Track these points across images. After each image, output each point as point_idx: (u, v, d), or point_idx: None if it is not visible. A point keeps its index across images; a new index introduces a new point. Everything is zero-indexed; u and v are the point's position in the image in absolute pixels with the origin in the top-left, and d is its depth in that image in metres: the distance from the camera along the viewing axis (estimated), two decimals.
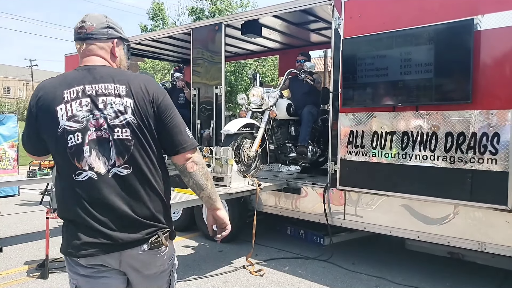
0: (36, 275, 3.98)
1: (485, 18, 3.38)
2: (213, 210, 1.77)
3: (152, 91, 1.61)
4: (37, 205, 7.39)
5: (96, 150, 1.54)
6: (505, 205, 3.29)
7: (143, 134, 1.59)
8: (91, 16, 1.69)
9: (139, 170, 1.58)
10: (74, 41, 1.69)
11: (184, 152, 1.66)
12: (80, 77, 1.60)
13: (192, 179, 1.69)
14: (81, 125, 1.53)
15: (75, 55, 7.66)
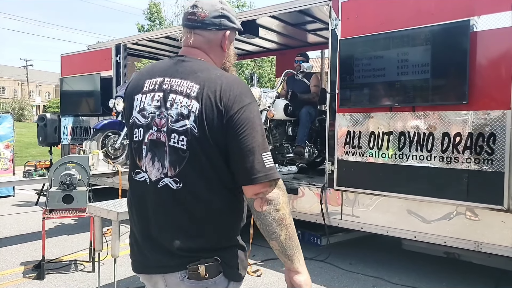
0: (32, 276, 3.95)
1: (481, 19, 3.40)
2: (288, 271, 1.35)
3: (226, 99, 1.27)
4: (32, 205, 7.35)
5: (153, 153, 1.33)
6: (501, 205, 3.30)
7: (203, 148, 1.28)
8: (204, 1, 1.39)
9: (190, 188, 1.30)
10: (182, 25, 1.44)
11: (252, 184, 1.28)
12: (165, 68, 1.40)
13: (259, 220, 1.32)
14: (146, 121, 1.35)
15: (71, 55, 7.67)
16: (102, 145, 5.80)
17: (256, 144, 1.27)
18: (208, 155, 1.29)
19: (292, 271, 1.34)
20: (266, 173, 1.27)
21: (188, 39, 1.41)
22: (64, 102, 7.83)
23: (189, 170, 1.29)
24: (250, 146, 1.26)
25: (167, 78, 1.35)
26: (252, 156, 1.26)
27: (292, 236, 1.32)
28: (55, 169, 3.99)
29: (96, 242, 3.19)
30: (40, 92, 58.48)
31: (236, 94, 1.29)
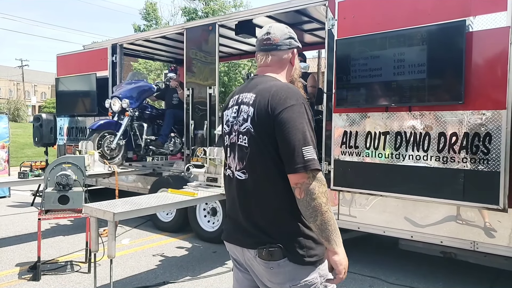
0: (28, 277, 3.93)
1: (477, 19, 3.41)
2: (327, 250, 1.58)
3: (273, 102, 1.56)
4: (28, 206, 7.32)
5: (233, 153, 1.69)
6: (497, 205, 3.32)
7: (259, 144, 1.59)
8: (275, 27, 1.76)
9: (253, 178, 1.62)
10: (257, 51, 1.78)
11: (293, 173, 1.52)
12: (243, 86, 1.78)
13: (299, 206, 1.55)
14: (229, 129, 1.73)
15: (67, 55, 7.63)
16: (98, 145, 5.78)
17: (297, 139, 1.51)
18: (264, 150, 1.58)
19: (330, 251, 1.57)
20: (304, 164, 1.50)
21: (264, 59, 1.76)
22: (60, 102, 7.78)
23: (251, 164, 1.61)
24: (291, 141, 1.51)
25: (241, 94, 1.72)
26: (292, 150, 1.51)
27: (329, 221, 1.53)
28: (51, 170, 3.96)
29: (92, 242, 3.17)
30: (35, 92, 58.20)
31: (281, 97, 1.57)
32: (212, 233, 5.20)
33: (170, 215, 5.74)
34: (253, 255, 1.61)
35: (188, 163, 5.31)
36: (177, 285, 3.85)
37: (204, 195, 3.98)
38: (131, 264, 4.37)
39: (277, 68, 1.75)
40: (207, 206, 5.31)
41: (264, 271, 1.60)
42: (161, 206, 3.60)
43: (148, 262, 4.45)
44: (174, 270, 4.22)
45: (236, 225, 1.69)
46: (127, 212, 3.22)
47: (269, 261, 1.56)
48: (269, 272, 1.59)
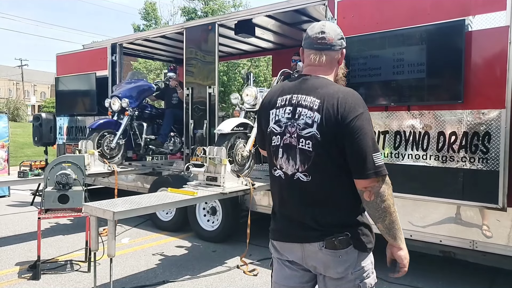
0: (27, 276, 3.94)
1: (476, 19, 3.42)
2: (391, 246, 1.76)
3: (342, 109, 1.60)
4: (28, 205, 7.32)
5: (287, 154, 1.70)
6: (496, 204, 3.32)
7: (325, 149, 1.62)
8: (329, 27, 1.77)
9: (316, 180, 1.66)
10: (308, 48, 1.77)
11: (362, 179, 1.61)
12: (293, 86, 1.75)
13: (368, 208, 1.68)
14: (281, 129, 1.72)
15: (67, 55, 7.63)
16: (97, 144, 5.78)
17: (367, 146, 1.58)
18: (329, 154, 1.63)
19: (395, 247, 1.74)
20: (375, 170, 1.59)
21: (318, 59, 1.75)
22: (60, 101, 7.79)
23: (314, 166, 1.65)
24: (363, 149, 1.58)
25: (295, 95, 1.71)
26: (364, 157, 1.58)
27: (395, 220, 1.68)
28: (51, 169, 3.97)
29: (92, 242, 3.17)
30: (35, 92, 58.16)
31: (351, 105, 1.61)
32: (211, 232, 5.21)
33: (169, 214, 5.75)
34: (318, 248, 1.67)
35: (187, 163, 5.32)
36: (176, 284, 3.86)
37: (204, 194, 3.99)
38: (131, 263, 4.37)
39: (328, 69, 1.76)
40: (207, 206, 5.31)
41: (331, 261, 1.68)
42: (161, 205, 3.60)
43: (147, 261, 4.46)
44: (173, 269, 4.22)
45: (294, 222, 1.73)
46: (127, 211, 3.22)
47: (338, 250, 1.65)
48: (337, 260, 1.67)
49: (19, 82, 51.92)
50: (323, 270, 1.71)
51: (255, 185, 4.44)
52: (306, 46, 1.79)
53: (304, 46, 1.80)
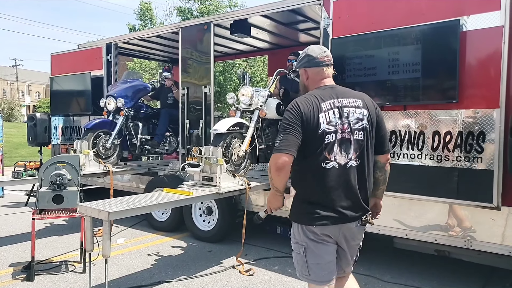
0: (21, 277, 3.91)
1: (470, 19, 3.44)
2: (379, 200, 2.43)
3: (374, 105, 2.27)
4: (22, 206, 7.27)
5: (341, 147, 2.14)
6: (490, 203, 3.34)
7: (370, 136, 2.21)
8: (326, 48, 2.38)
9: (363, 163, 2.18)
10: (317, 66, 2.28)
11: (387, 153, 2.32)
12: (329, 93, 2.21)
13: (384, 175, 2.35)
14: (335, 128, 2.13)
15: (61, 55, 7.58)
16: (93, 144, 5.75)
17: (386, 130, 2.37)
18: (371, 140, 2.22)
19: (380, 200, 2.44)
20: (389, 147, 2.36)
21: (324, 73, 2.30)
22: (54, 101, 7.74)
23: (362, 152, 2.18)
24: (387, 131, 2.37)
25: (336, 99, 2.19)
26: (387, 137, 2.36)
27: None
28: (45, 169, 3.94)
29: (86, 242, 3.15)
30: (29, 92, 57.79)
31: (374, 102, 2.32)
32: (207, 232, 5.20)
33: (165, 215, 5.73)
34: (354, 225, 2.19)
35: (183, 162, 5.30)
36: (172, 285, 3.85)
37: (200, 194, 3.98)
38: (126, 264, 4.35)
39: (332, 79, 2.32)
40: (203, 205, 5.30)
41: (359, 233, 2.28)
42: (156, 205, 3.59)
43: (143, 261, 4.44)
44: (169, 270, 4.21)
45: (343, 206, 2.14)
46: (122, 211, 3.20)
47: (367, 224, 2.24)
48: (362, 232, 2.29)
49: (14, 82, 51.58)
50: (350, 240, 2.24)
51: (251, 185, 4.44)
52: (314, 64, 2.28)
53: (309, 65, 2.29)
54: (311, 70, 2.30)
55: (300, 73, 2.36)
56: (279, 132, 2.17)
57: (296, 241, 2.25)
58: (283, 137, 2.11)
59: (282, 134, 2.13)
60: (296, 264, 2.29)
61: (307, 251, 2.20)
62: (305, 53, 2.33)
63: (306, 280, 2.25)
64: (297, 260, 2.26)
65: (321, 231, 2.15)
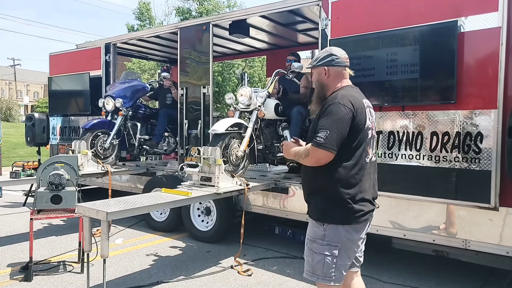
0: (19, 278, 3.90)
1: (468, 20, 3.45)
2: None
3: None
4: (20, 206, 7.25)
5: (371, 142, 2.33)
6: (488, 203, 3.35)
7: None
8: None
9: (376, 158, 2.41)
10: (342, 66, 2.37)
11: None
12: (359, 93, 2.37)
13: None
14: (371, 124, 2.32)
15: (60, 55, 7.57)
16: (91, 145, 5.75)
17: None
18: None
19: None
20: None
21: (348, 73, 2.42)
22: (53, 101, 7.73)
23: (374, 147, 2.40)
24: None
25: (364, 100, 2.35)
26: None
27: None
28: (43, 169, 3.94)
29: (85, 242, 3.15)
30: (28, 92, 57.66)
31: None
32: (206, 232, 5.20)
33: (163, 215, 5.73)
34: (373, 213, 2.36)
35: (182, 163, 5.30)
36: (170, 285, 3.84)
37: (198, 195, 3.98)
38: (125, 264, 4.35)
39: None
40: (201, 206, 5.30)
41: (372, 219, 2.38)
42: (155, 205, 3.58)
43: (141, 262, 4.44)
44: (167, 270, 4.21)
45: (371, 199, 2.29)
46: (120, 211, 3.20)
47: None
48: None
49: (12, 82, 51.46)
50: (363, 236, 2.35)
51: (249, 185, 4.44)
52: (337, 64, 2.35)
53: (333, 64, 2.35)
54: (333, 69, 2.35)
55: (318, 71, 2.38)
56: (323, 125, 2.16)
57: (327, 242, 2.22)
58: (330, 133, 2.11)
59: (329, 130, 2.12)
60: (316, 266, 2.24)
61: (341, 252, 2.20)
62: (328, 53, 2.37)
63: (325, 281, 2.24)
64: (323, 262, 2.22)
65: (362, 228, 2.27)
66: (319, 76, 2.38)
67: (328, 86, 2.36)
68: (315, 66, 2.39)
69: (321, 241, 2.23)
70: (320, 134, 2.13)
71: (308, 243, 2.32)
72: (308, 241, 2.33)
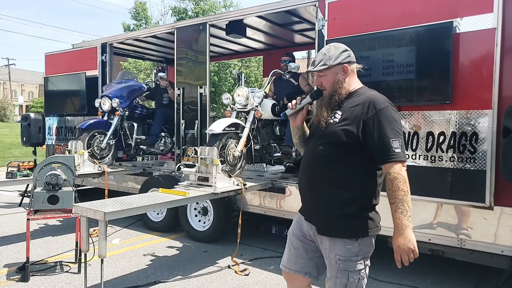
0: (16, 278, 3.89)
1: (463, 21, 3.48)
2: None
3: None
4: (16, 207, 7.21)
5: None
6: (483, 203, 3.38)
7: None
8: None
9: None
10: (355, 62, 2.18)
11: None
12: None
13: None
14: None
15: (56, 54, 7.55)
16: (88, 145, 5.73)
17: None
18: None
19: None
20: None
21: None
22: (49, 101, 7.70)
23: None
24: None
25: None
26: None
27: None
28: (40, 169, 3.93)
29: (82, 242, 3.15)
30: (22, 92, 57.32)
31: None
32: (203, 232, 5.21)
33: (160, 215, 5.73)
34: None
35: (178, 163, 5.31)
36: (168, 285, 3.85)
37: (195, 195, 3.99)
38: (122, 264, 4.35)
39: None
40: (198, 206, 5.31)
41: None
42: (152, 205, 3.59)
43: (138, 262, 4.44)
44: (165, 270, 4.21)
45: None
46: (118, 211, 3.21)
47: None
48: None
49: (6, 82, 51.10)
50: None
51: (246, 185, 4.45)
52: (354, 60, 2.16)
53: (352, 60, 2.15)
54: (352, 66, 2.14)
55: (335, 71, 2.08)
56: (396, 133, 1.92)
57: (362, 256, 2.02)
58: (402, 142, 1.93)
59: (400, 138, 1.92)
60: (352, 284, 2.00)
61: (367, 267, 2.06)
62: (344, 49, 2.11)
63: None
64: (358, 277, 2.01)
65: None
66: (336, 76, 2.09)
67: (344, 85, 2.09)
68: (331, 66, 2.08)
69: (356, 257, 2.01)
70: (396, 144, 1.90)
71: (340, 264, 2.01)
72: (339, 262, 2.01)
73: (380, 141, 1.92)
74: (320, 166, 2.05)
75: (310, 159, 2.13)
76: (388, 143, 1.90)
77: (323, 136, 2.06)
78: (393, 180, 1.91)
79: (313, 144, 2.12)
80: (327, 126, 2.05)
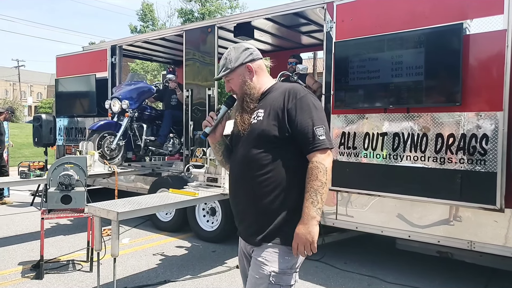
0: (31, 276, 3.96)
1: (473, 22, 3.48)
2: None
3: None
4: (27, 206, 7.32)
5: None
6: (493, 205, 3.38)
7: None
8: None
9: None
10: (259, 59, 2.04)
11: None
12: None
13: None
14: None
15: (67, 57, 7.65)
16: (98, 146, 5.81)
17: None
18: None
19: None
20: None
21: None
22: (60, 103, 7.80)
23: None
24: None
25: None
26: None
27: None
28: (54, 170, 3.99)
29: (95, 241, 3.21)
30: (31, 93, 57.94)
31: None
32: (211, 232, 5.25)
33: (169, 215, 5.78)
34: None
35: (187, 164, 5.36)
36: (178, 284, 3.89)
37: (205, 195, 4.03)
38: (132, 263, 4.40)
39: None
40: (206, 206, 5.35)
41: None
42: (163, 205, 3.64)
43: (148, 261, 4.49)
44: (174, 269, 4.26)
45: None
46: (130, 211, 3.26)
47: None
48: None
49: (16, 83, 51.69)
50: None
51: None
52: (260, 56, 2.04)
53: (256, 58, 2.02)
54: (257, 64, 2.00)
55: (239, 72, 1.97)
56: (319, 119, 1.82)
57: (295, 269, 1.88)
58: (326, 128, 1.83)
59: (324, 125, 1.82)
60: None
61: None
62: (243, 48, 2.00)
63: None
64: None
65: None
66: (241, 77, 1.96)
67: (255, 86, 1.97)
68: (233, 68, 1.96)
69: (290, 270, 1.85)
70: (320, 131, 1.79)
71: (273, 278, 1.82)
72: (272, 277, 1.82)
73: (303, 129, 1.80)
74: (256, 170, 1.85)
75: (242, 166, 1.92)
76: (312, 130, 1.79)
77: (250, 140, 1.88)
78: (313, 169, 1.77)
79: (242, 152, 1.92)
80: (251, 127, 1.89)
